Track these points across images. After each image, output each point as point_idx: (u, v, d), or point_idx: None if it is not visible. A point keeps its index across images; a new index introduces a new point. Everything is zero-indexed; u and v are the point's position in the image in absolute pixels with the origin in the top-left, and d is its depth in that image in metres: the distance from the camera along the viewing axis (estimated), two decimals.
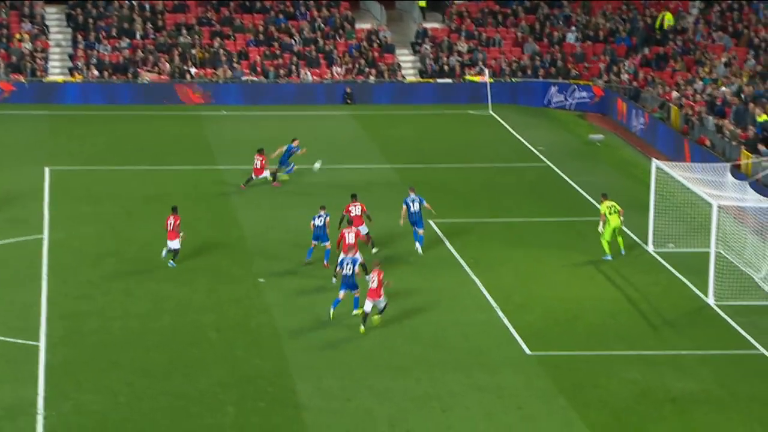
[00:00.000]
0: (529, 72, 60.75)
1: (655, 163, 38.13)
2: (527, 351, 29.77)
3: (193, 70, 60.20)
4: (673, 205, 37.89)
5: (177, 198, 43.22)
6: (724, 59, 54.98)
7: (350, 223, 35.25)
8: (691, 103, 50.78)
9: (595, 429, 25.56)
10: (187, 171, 47.11)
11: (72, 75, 59.34)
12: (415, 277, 34.92)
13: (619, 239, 36.75)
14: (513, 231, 39.30)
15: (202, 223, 40.18)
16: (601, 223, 36.55)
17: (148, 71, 59.89)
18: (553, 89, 59.61)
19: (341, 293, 31.45)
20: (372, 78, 60.45)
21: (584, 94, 58.94)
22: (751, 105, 46.59)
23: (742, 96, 48.62)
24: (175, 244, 35.23)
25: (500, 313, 32.21)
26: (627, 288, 34.35)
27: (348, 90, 59.52)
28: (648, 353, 29.71)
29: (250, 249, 37.44)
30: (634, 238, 37.97)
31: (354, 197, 36.98)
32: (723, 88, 50.80)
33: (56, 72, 59.97)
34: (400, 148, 51.07)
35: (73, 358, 29.03)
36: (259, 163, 43.86)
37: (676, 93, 52.68)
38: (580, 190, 44.26)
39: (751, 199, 35.48)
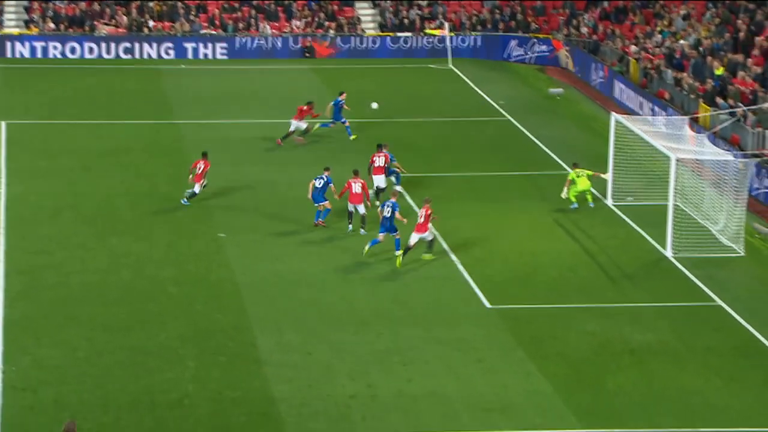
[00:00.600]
0: (489, 26, 60.67)
1: (614, 116, 38.27)
2: (487, 304, 29.95)
3: (151, 23, 59.68)
4: (632, 159, 38.08)
5: (135, 152, 43.03)
6: (682, 12, 55.11)
7: (369, 169, 36.40)
8: (650, 57, 50.93)
9: (554, 380, 25.80)
10: (145, 125, 46.82)
11: (28, 28, 58.67)
12: (376, 232, 34.94)
13: (588, 197, 36.90)
14: (473, 185, 39.38)
15: (160, 178, 40.00)
16: (565, 189, 36.52)
17: (105, 24, 59.31)
18: (513, 43, 59.59)
19: (380, 235, 32.21)
20: (332, 32, 60.15)
21: (544, 47, 58.96)
22: (709, 58, 46.79)
23: (701, 49, 48.80)
24: (196, 188, 36.26)
25: (460, 267, 32.34)
26: (586, 241, 34.57)
27: (308, 43, 59.23)
28: (606, 306, 29.96)
29: (210, 204, 37.32)
30: (594, 191, 38.14)
31: (380, 147, 37.22)
32: (681, 41, 50.96)
33: (11, 25, 59.26)
34: (361, 101, 50.95)
35: (32, 313, 28.92)
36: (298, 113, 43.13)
37: (634, 47, 52.79)
38: (540, 144, 44.39)
39: (709, 152, 35.72)
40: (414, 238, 31.93)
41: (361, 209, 34.64)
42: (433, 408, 24.65)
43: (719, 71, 45.34)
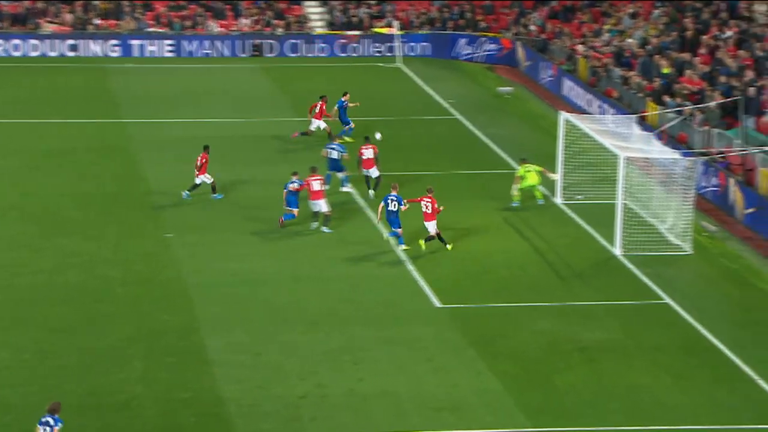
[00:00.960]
0: (438, 24, 60.81)
1: (563, 115, 38.50)
2: (437, 304, 30.02)
3: (96, 21, 59.25)
4: (580, 157, 38.32)
5: (82, 152, 42.71)
6: (630, 11, 55.54)
7: (359, 163, 37.14)
8: (598, 55, 51.27)
9: (504, 379, 25.91)
10: (91, 124, 46.48)
11: None
12: (343, 228, 34.91)
13: (537, 193, 37.11)
14: (423, 184, 39.42)
15: (107, 177, 39.74)
16: (514, 185, 36.68)
17: (50, 22, 58.79)
18: (462, 41, 59.78)
19: (399, 230, 33.06)
20: (280, 30, 60.03)
21: (493, 46, 59.19)
22: (657, 57, 47.17)
23: (648, 48, 49.19)
24: (197, 179, 36.81)
25: (410, 267, 32.39)
26: (536, 240, 34.75)
27: (256, 42, 59.12)
28: (556, 304, 30.14)
29: (158, 203, 37.13)
30: (543, 190, 38.35)
31: (367, 140, 38.00)
32: (629, 40, 51.35)
33: None
34: (310, 101, 50.91)
35: None
36: (318, 108, 42.92)
37: (583, 45, 53.12)
38: (489, 143, 44.55)
39: (657, 150, 36.02)
40: (431, 227, 32.83)
41: (324, 207, 34.62)
42: (384, 407, 24.68)
43: (666, 70, 45.74)
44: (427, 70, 57.01)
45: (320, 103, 43.28)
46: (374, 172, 37.71)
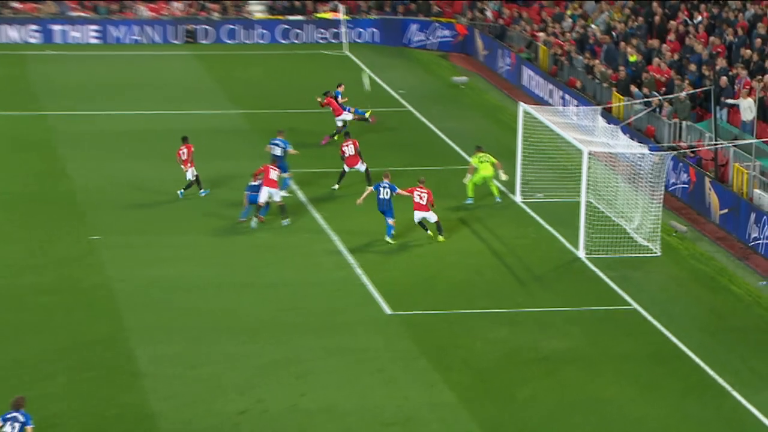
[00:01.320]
0: (387, 9, 60.89)
1: (522, 106, 38.70)
2: (387, 311, 30.09)
3: (14, 4, 58.81)
4: (541, 152, 38.54)
5: None
6: None
7: (342, 159, 37.79)
8: (560, 42, 51.59)
9: (459, 391, 26.02)
10: (8, 117, 46.13)
11: None
12: (265, 233, 34.94)
13: (493, 188, 37.30)
14: (373, 181, 39.46)
15: (27, 174, 39.48)
16: (468, 175, 37.02)
17: None
18: (414, 27, 59.91)
19: (390, 220, 33.80)
20: (216, 14, 59.87)
21: (446, 32, 59.38)
22: (623, 44, 47.52)
23: (613, 34, 49.55)
24: (189, 174, 36.98)
25: (358, 271, 32.45)
26: (493, 241, 34.90)
27: (190, 28, 58.92)
28: (515, 311, 30.29)
29: (83, 203, 36.94)
30: (501, 187, 38.53)
31: (348, 135, 38.75)
32: (593, 26, 51.69)
33: None
34: (249, 91, 50.82)
35: None
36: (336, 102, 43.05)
37: (543, 32, 53.42)
38: (443, 136, 44.70)
39: (623, 144, 36.30)
40: (431, 216, 33.94)
41: (276, 197, 34.66)
42: (329, 423, 24.72)
43: (633, 58, 46.10)
44: (376, 58, 57.08)
45: (327, 99, 42.94)
46: (361, 167, 37.98)
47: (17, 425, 20.93)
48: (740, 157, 37.31)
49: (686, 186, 38.48)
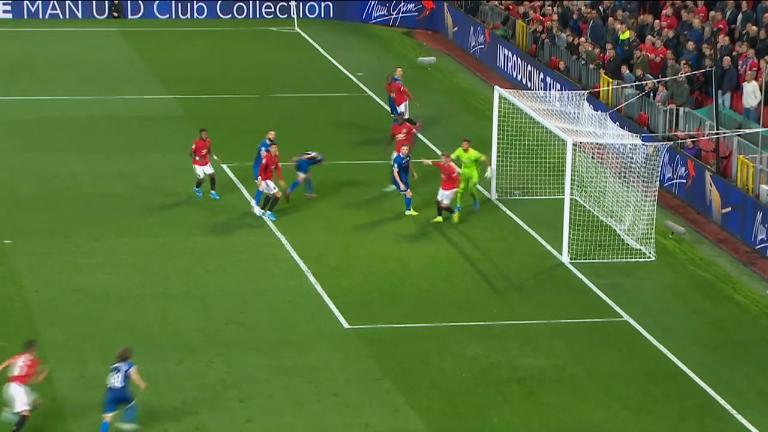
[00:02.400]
0: None
1: (498, 91, 38.80)
2: (344, 324, 30.11)
3: None
4: (519, 143, 38.65)
5: None
6: None
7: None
8: (540, 18, 51.78)
9: (427, 416, 26.08)
10: None
11: None
12: (205, 236, 34.90)
13: (475, 193, 36.96)
14: (325, 176, 39.53)
15: None
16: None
17: None
18: (374, 1, 59.94)
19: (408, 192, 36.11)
20: None
21: (411, 6, 59.44)
22: (611, 19, 47.75)
23: (601, 9, 49.78)
24: (204, 171, 37.07)
25: (311, 279, 32.45)
26: (465, 245, 34.99)
27: (116, 1, 58.74)
28: (490, 324, 30.37)
29: None
30: (483, 191, 38.61)
31: (408, 120, 39.43)
32: None
33: None
34: (184, 74, 50.70)
35: None
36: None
37: (520, 7, 53.60)
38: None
39: (612, 134, 36.46)
40: (444, 195, 35.54)
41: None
42: None
43: (624, 35, 46.32)
44: (330, 35, 57.08)
45: (393, 84, 42.41)
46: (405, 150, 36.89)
47: (120, 374, 24.85)
48: (745, 148, 37.56)
49: (684, 181, 38.71)
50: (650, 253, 34.24)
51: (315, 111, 45.77)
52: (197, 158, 36.82)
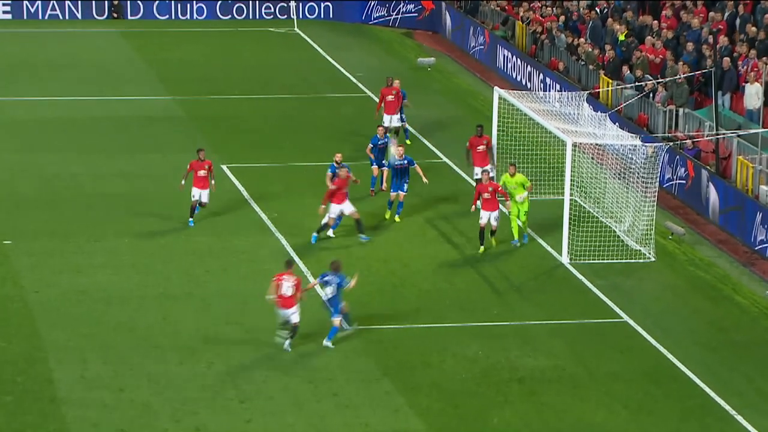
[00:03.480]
0: None
1: (498, 92, 38.78)
2: (344, 325, 30.07)
3: None
4: (518, 144, 38.62)
5: None
6: None
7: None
8: (540, 18, 51.77)
9: (427, 417, 26.06)
10: None
11: None
12: (205, 236, 34.86)
13: (525, 221, 34.74)
14: (324, 178, 39.49)
15: None
16: (474, 205, 34.51)
17: None
18: (373, 1, 59.93)
19: (392, 194, 35.74)
20: None
21: (411, 7, 59.42)
22: (610, 20, 47.72)
23: (597, 10, 49.73)
24: (205, 196, 34.92)
25: (311, 279, 32.40)
26: (465, 246, 34.96)
27: (115, 1, 58.72)
28: (490, 324, 30.35)
29: None
30: (473, 183, 38.60)
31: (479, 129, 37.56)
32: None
33: None
34: (184, 74, 50.70)
35: None
36: None
37: (520, 8, 53.55)
38: (407, 126, 44.69)
39: (612, 134, 36.44)
40: (489, 217, 33.75)
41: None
42: None
43: (623, 36, 46.30)
44: (330, 36, 57.05)
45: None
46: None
47: (334, 286, 28.04)
48: (745, 148, 37.54)
49: (683, 182, 38.69)
50: (650, 253, 34.22)
51: (314, 112, 45.74)
52: (195, 179, 34.56)
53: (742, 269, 34.27)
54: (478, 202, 34.01)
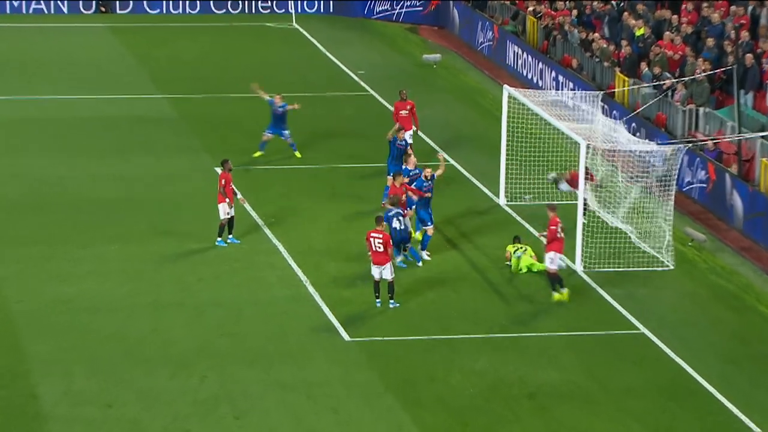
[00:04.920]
0: None
1: (507, 90, 38.80)
2: (345, 336, 30.10)
3: None
4: (529, 145, 38.64)
5: None
6: None
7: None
8: (552, 13, 51.79)
9: None
10: None
11: None
12: (198, 243, 34.88)
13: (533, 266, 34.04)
14: (324, 180, 39.54)
15: None
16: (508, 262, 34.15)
17: None
18: None
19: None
20: None
21: (415, 1, 59.46)
22: (627, 14, 47.74)
23: (614, 3, 49.77)
24: (232, 209, 34.22)
25: (310, 288, 32.44)
26: (472, 253, 34.97)
27: None
28: (499, 336, 30.36)
29: None
30: (483, 189, 38.58)
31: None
32: None
33: None
34: (177, 72, 50.76)
35: None
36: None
37: (531, 2, 53.61)
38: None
39: (628, 135, 36.45)
40: (555, 261, 31.68)
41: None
42: None
43: (640, 31, 46.31)
44: (330, 31, 57.10)
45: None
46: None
47: (401, 218, 31.45)
48: None
49: (704, 185, 38.69)
50: (668, 261, 34.22)
51: (314, 110, 45.74)
52: (224, 193, 33.93)
53: (766, 278, 34.27)
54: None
